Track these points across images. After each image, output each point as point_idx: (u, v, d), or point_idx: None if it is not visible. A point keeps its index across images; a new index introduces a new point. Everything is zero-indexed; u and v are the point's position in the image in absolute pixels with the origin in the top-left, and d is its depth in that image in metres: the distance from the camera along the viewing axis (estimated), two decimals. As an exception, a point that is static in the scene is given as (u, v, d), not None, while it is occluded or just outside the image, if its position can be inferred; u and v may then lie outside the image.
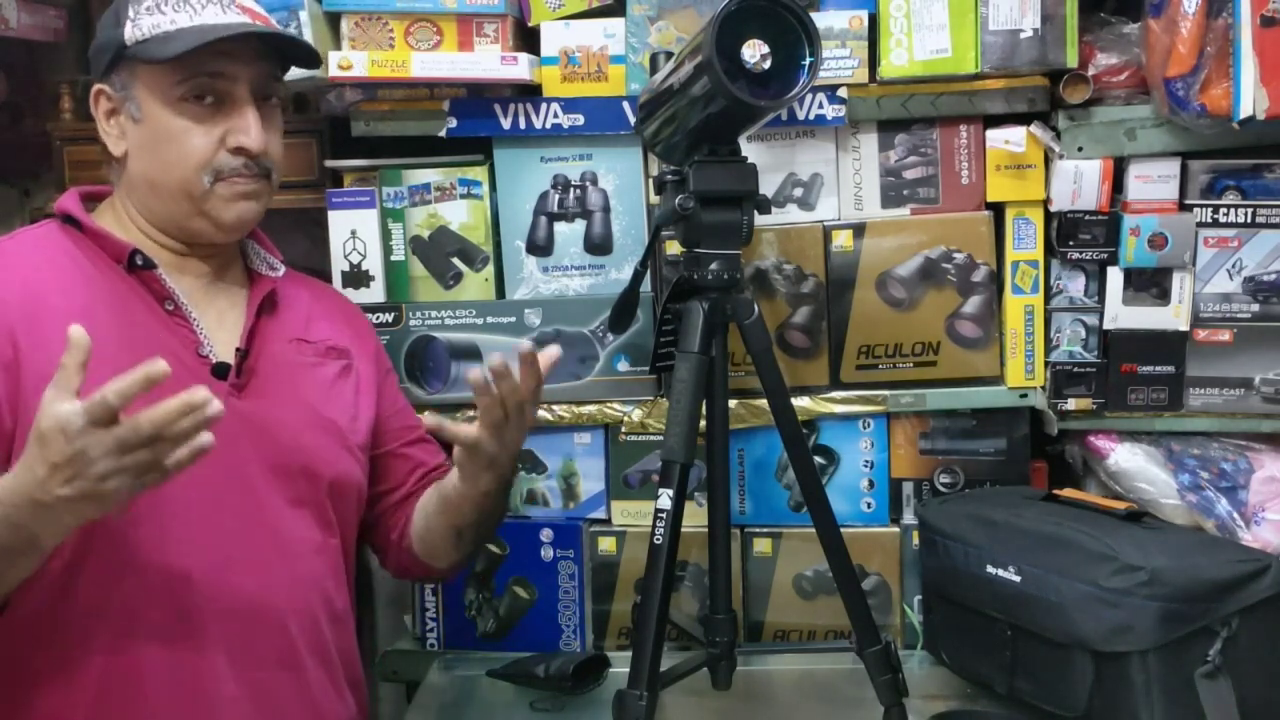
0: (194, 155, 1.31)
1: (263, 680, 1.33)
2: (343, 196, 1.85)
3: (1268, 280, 1.73)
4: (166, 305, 1.32)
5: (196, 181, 1.31)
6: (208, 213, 1.33)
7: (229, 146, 1.32)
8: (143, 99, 1.31)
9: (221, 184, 1.32)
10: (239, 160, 1.33)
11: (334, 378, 1.47)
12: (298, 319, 1.46)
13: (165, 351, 1.26)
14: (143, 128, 1.32)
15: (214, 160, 1.32)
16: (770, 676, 1.82)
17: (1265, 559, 1.47)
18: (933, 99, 1.74)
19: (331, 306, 1.56)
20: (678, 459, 1.46)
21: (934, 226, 1.79)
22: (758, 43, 1.38)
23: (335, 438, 1.42)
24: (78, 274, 1.29)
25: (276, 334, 1.41)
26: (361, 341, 1.56)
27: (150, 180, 1.33)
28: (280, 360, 1.40)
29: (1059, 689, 1.50)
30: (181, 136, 1.31)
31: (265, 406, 1.35)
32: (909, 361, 1.82)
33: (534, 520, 1.90)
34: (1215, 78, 1.61)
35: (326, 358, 1.47)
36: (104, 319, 1.26)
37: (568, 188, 1.84)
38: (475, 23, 1.75)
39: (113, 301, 1.29)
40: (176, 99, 1.30)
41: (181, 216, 1.34)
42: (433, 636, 1.93)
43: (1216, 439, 1.77)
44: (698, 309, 1.51)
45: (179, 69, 1.29)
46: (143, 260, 1.32)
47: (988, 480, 1.83)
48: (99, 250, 1.32)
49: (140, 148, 1.33)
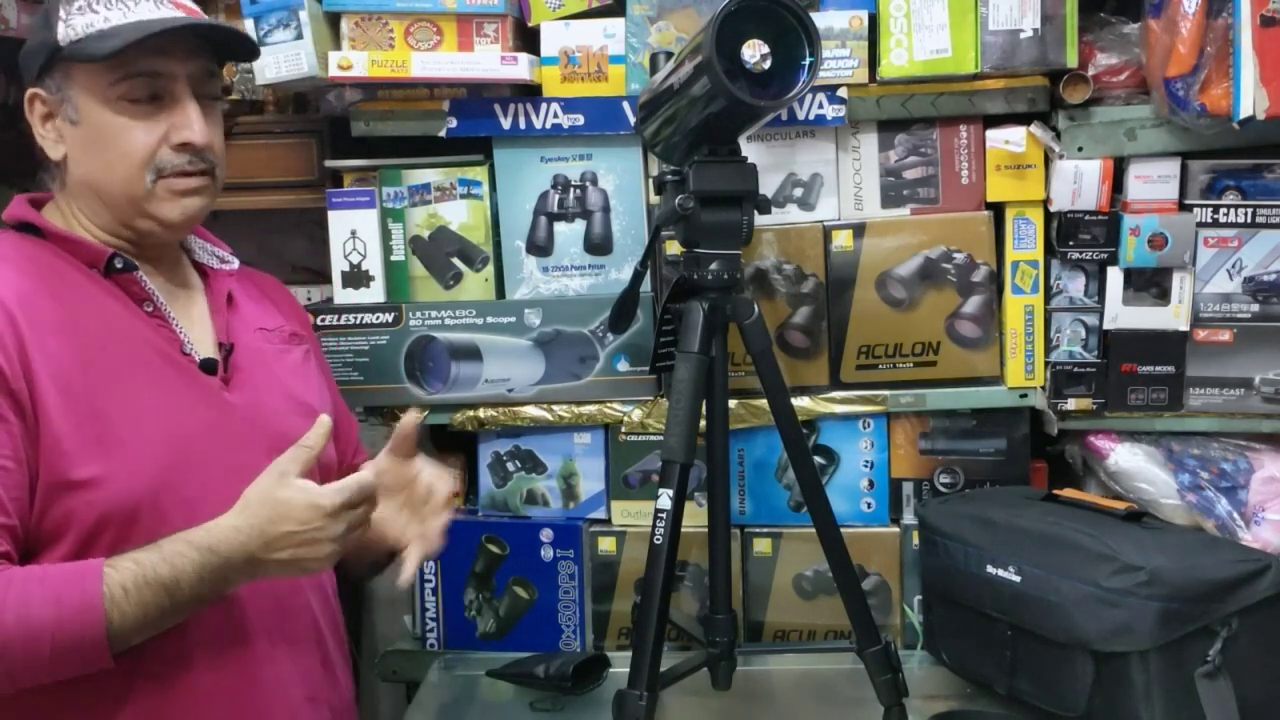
0: (136, 154, 1.28)
1: (297, 656, 1.35)
2: (343, 196, 1.85)
3: (1268, 280, 1.73)
4: (145, 307, 1.31)
5: (139, 180, 1.29)
6: (151, 212, 1.30)
7: (172, 143, 1.29)
8: (79, 100, 1.28)
9: (163, 182, 1.29)
10: (182, 157, 1.30)
11: (300, 363, 1.48)
12: (254, 309, 1.46)
13: (154, 352, 1.28)
14: (81, 129, 1.29)
15: (156, 158, 1.29)
16: (770, 676, 1.82)
17: (1265, 559, 1.47)
18: (933, 99, 1.74)
19: (277, 294, 1.56)
20: (678, 459, 1.46)
21: (934, 226, 1.79)
22: (758, 43, 1.38)
23: (310, 419, 1.41)
24: (55, 281, 1.27)
25: (243, 325, 1.41)
26: (307, 328, 1.57)
27: (92, 182, 1.30)
28: (253, 351, 1.40)
29: (1059, 689, 1.50)
30: (122, 135, 1.28)
31: (252, 397, 1.35)
32: (909, 361, 1.82)
33: (534, 520, 1.90)
34: (1215, 78, 1.61)
35: (290, 344, 1.48)
36: (92, 325, 1.25)
37: (568, 188, 1.84)
38: (475, 23, 1.75)
39: (93, 307, 1.27)
40: (115, 98, 1.27)
41: (126, 217, 1.31)
42: (433, 636, 1.93)
43: (1216, 439, 1.77)
44: (698, 309, 1.51)
45: (116, 67, 1.26)
46: (123, 263, 1.29)
47: (988, 480, 1.83)
48: (67, 256, 1.29)
49: (80, 150, 1.30)
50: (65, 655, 1.12)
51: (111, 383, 1.23)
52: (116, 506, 1.19)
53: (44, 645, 1.11)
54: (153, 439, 1.23)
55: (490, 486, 1.91)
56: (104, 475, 1.19)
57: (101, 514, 1.19)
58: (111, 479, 1.19)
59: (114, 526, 1.19)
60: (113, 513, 1.19)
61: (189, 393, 1.29)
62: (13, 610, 1.10)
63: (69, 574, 1.14)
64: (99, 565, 1.14)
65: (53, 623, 1.11)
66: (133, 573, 1.14)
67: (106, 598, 1.12)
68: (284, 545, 1.18)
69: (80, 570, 1.14)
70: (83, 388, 1.20)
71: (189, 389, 1.29)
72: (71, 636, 1.11)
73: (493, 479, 1.91)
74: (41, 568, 1.15)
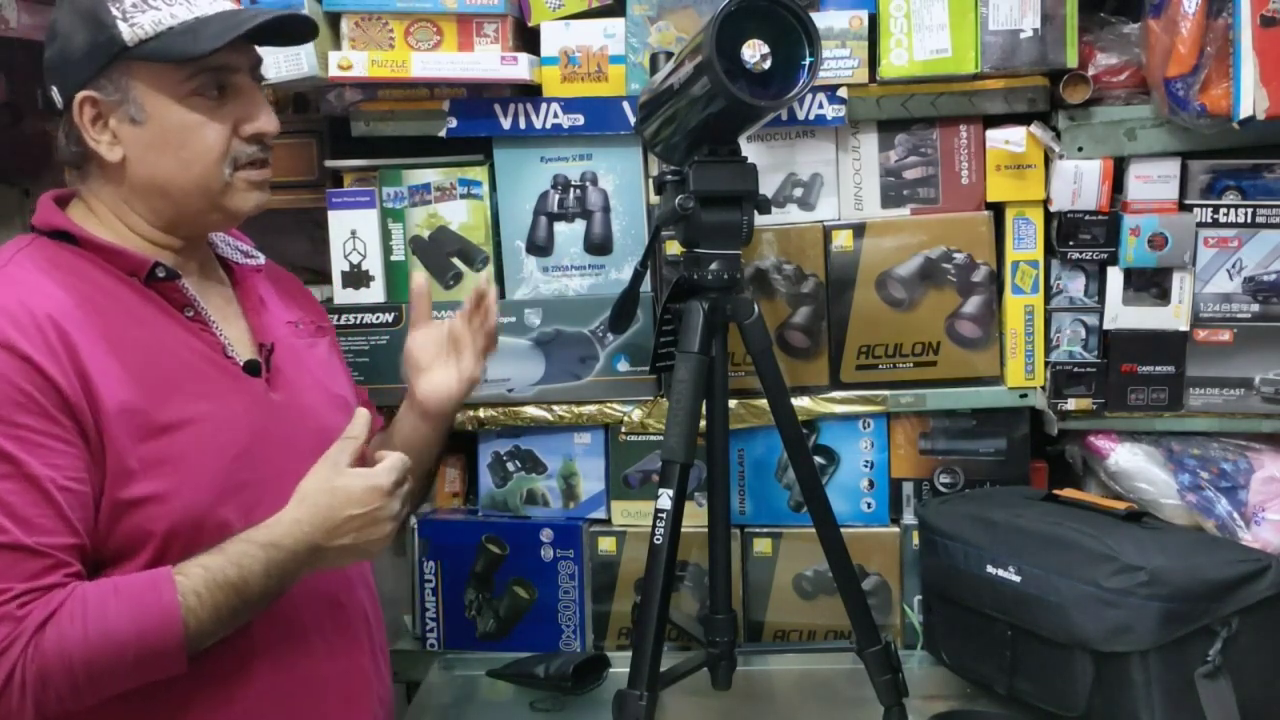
0: (213, 149, 1.28)
1: (352, 650, 1.37)
2: (343, 196, 1.85)
3: (1268, 280, 1.73)
4: (186, 313, 1.30)
5: (217, 175, 1.28)
6: (224, 205, 1.30)
7: (244, 134, 1.29)
8: (146, 100, 1.26)
9: (240, 173, 1.30)
10: (254, 147, 1.30)
11: (326, 354, 1.49)
12: (279, 304, 1.46)
13: (200, 359, 1.28)
14: (147, 129, 1.26)
15: (231, 151, 1.29)
16: (770, 676, 1.82)
17: (1265, 559, 1.47)
18: (933, 99, 1.74)
19: (293, 286, 1.56)
20: (678, 459, 1.46)
21: (934, 226, 1.80)
22: (758, 43, 1.38)
23: (346, 413, 1.42)
24: (97, 294, 1.25)
25: (274, 322, 1.41)
26: (324, 316, 1.57)
27: (162, 182, 1.28)
28: (286, 347, 1.40)
29: (1059, 689, 1.50)
30: (198, 131, 1.27)
31: (294, 395, 1.35)
32: (909, 361, 1.82)
33: (534, 520, 1.90)
34: (1215, 78, 1.61)
35: (317, 336, 1.48)
36: (139, 337, 1.24)
37: (568, 188, 1.84)
38: (475, 23, 1.75)
39: (137, 318, 1.26)
40: (186, 94, 1.26)
41: (196, 212, 1.31)
42: (433, 636, 1.93)
43: (1216, 439, 1.77)
44: (698, 309, 1.51)
45: (189, 64, 1.25)
46: (165, 272, 1.28)
47: (988, 480, 1.83)
48: (103, 264, 1.27)
49: (145, 149, 1.27)
50: (146, 664, 1.14)
51: (166, 396, 1.22)
52: (182, 519, 1.20)
53: (127, 657, 1.12)
54: (210, 450, 1.23)
55: (490, 486, 1.91)
56: (167, 491, 1.20)
57: (169, 528, 1.19)
58: (175, 494, 1.20)
59: (181, 539, 1.20)
60: (178, 526, 1.20)
61: (238, 398, 1.29)
62: (94, 625, 1.11)
63: (143, 584, 1.15)
64: (169, 573, 1.15)
65: (135, 635, 1.12)
66: (203, 578, 1.15)
67: (182, 605, 1.14)
68: (347, 530, 1.21)
69: (153, 580, 1.15)
70: (139, 403, 1.20)
71: (237, 394, 1.29)
72: (153, 646, 1.13)
73: (493, 479, 1.91)
74: (112, 580, 1.16)
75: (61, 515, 1.14)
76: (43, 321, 1.17)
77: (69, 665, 1.11)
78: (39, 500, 1.13)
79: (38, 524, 1.13)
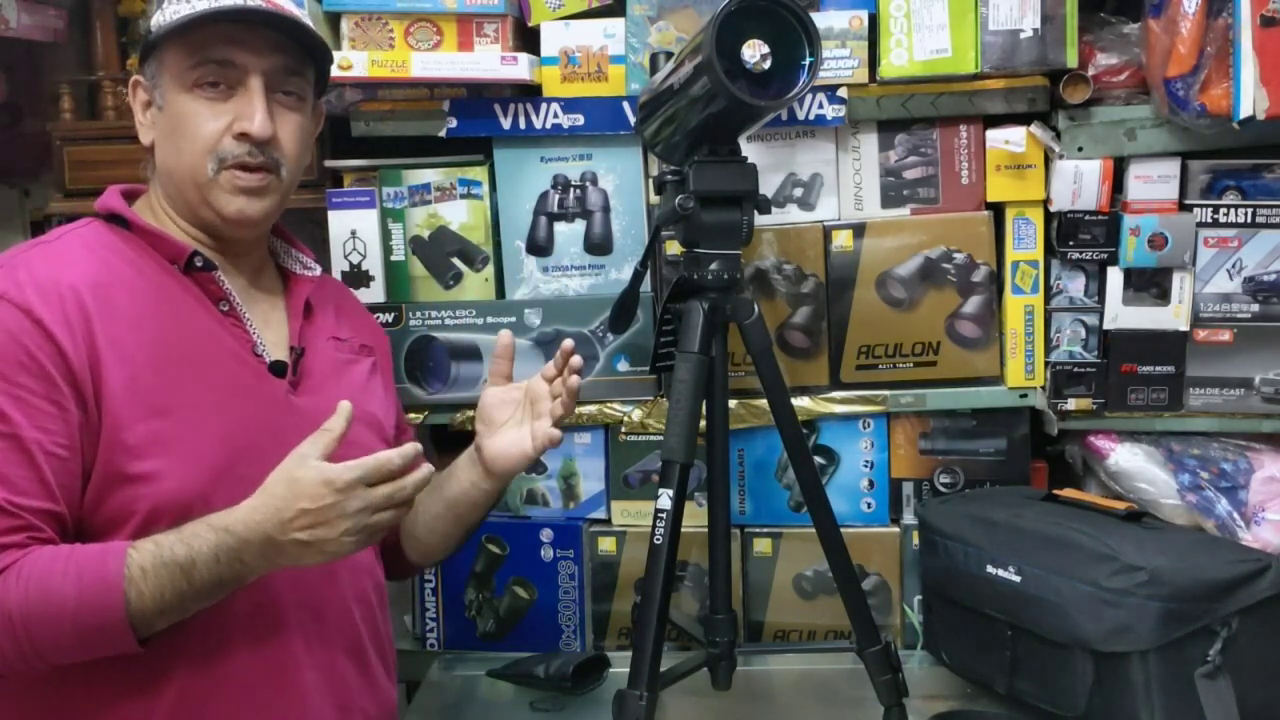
0: (201, 139, 1.29)
1: (336, 666, 1.35)
2: (343, 196, 1.85)
3: (1268, 280, 1.73)
4: (221, 306, 1.32)
5: (202, 167, 1.30)
6: (211, 202, 1.31)
7: (234, 132, 1.30)
8: (166, 86, 1.31)
9: (225, 172, 1.30)
10: (242, 148, 1.30)
11: (367, 374, 1.49)
12: (330, 317, 1.47)
13: (224, 351, 1.29)
14: (164, 115, 1.32)
15: (219, 146, 1.30)
16: (770, 676, 1.82)
17: (1265, 559, 1.47)
18: (933, 99, 1.74)
19: (352, 304, 1.58)
20: (678, 459, 1.46)
21: (934, 226, 1.79)
22: (758, 43, 1.38)
23: (376, 431, 1.44)
24: (134, 273, 1.28)
25: (316, 332, 1.42)
26: (378, 339, 1.58)
27: (168, 168, 1.33)
28: (325, 358, 1.41)
29: (1059, 689, 1.50)
30: (192, 120, 1.30)
31: (319, 403, 1.35)
32: (909, 361, 1.82)
33: (534, 520, 1.90)
34: (1215, 78, 1.61)
35: (360, 355, 1.49)
36: (167, 320, 1.27)
37: (568, 188, 1.84)
38: (475, 23, 1.75)
39: (171, 301, 1.29)
40: (190, 84, 1.30)
41: (194, 205, 1.33)
42: (433, 636, 1.93)
43: (1216, 439, 1.77)
44: (698, 309, 1.51)
45: (193, 53, 1.28)
46: (202, 262, 1.31)
47: (988, 480, 1.83)
48: (149, 250, 1.31)
49: (162, 135, 1.33)
50: (89, 633, 1.14)
51: (179, 379, 1.24)
52: (170, 501, 1.21)
53: (65, 620, 1.13)
54: (212, 437, 1.24)
55: (490, 486, 1.91)
56: (161, 471, 1.21)
57: (152, 507, 1.20)
58: (168, 475, 1.21)
59: (165, 521, 1.20)
60: (163, 507, 1.20)
61: (255, 394, 1.30)
62: (36, 586, 1.13)
63: (94, 553, 1.16)
64: (123, 546, 1.16)
65: (74, 600, 1.13)
66: (152, 554, 1.15)
67: (126, 578, 1.14)
68: (299, 525, 1.17)
69: (104, 550, 1.16)
70: (149, 382, 1.22)
71: (255, 390, 1.30)
72: (92, 614, 1.13)
73: (493, 479, 1.91)
74: (70, 547, 1.17)
75: (42, 479, 1.16)
76: (65, 291, 1.21)
77: (8, 621, 1.12)
78: (22, 461, 1.16)
79: (14, 483, 1.15)
